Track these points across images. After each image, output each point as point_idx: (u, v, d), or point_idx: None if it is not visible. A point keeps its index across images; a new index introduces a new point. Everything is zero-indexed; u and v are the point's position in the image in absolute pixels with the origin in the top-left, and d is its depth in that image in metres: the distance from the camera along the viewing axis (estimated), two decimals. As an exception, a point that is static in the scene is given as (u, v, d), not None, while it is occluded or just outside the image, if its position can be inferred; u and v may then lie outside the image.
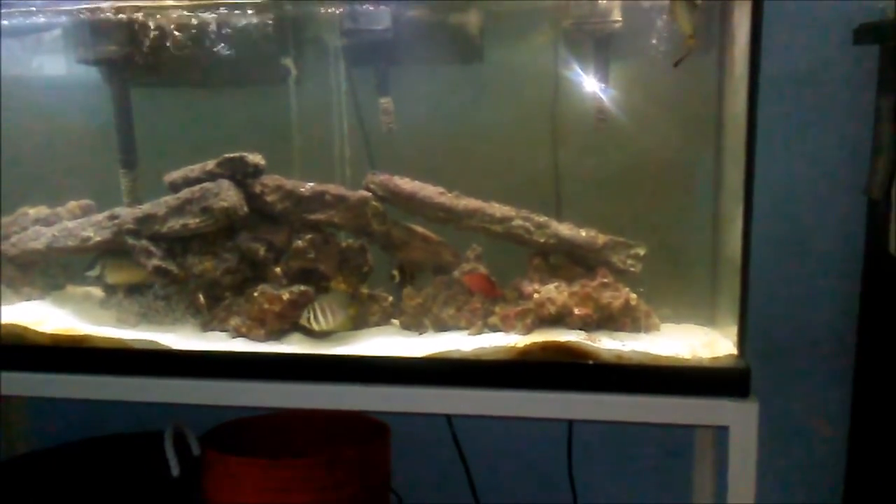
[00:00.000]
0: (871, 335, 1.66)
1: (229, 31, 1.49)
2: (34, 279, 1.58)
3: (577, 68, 1.48)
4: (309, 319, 1.33)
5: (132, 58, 1.52)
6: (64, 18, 1.55)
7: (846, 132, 1.65)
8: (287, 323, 1.38)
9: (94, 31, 1.52)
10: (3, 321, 1.39)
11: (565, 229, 1.40)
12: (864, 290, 1.67)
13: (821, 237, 1.71)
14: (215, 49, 1.49)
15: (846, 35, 1.59)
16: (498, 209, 1.41)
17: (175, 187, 1.45)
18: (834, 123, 1.66)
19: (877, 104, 1.56)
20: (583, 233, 1.40)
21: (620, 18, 1.42)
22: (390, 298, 1.46)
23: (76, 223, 1.52)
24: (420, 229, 1.46)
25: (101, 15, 1.49)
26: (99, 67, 1.58)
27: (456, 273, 1.42)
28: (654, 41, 1.42)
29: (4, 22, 1.53)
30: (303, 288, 1.38)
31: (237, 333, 1.38)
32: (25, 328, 1.38)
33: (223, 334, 1.40)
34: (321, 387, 1.27)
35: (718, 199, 1.41)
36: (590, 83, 1.47)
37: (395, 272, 1.41)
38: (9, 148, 1.63)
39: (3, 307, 1.49)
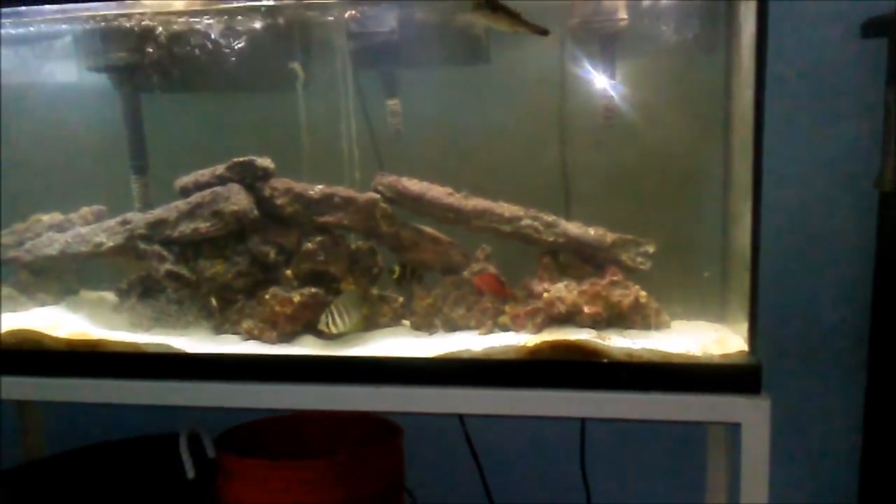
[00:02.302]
0: (884, 328, 1.65)
1: (237, 36, 1.50)
2: (49, 285, 1.59)
3: (583, 67, 1.48)
4: (327, 324, 1.33)
5: (141, 64, 1.53)
6: (73, 26, 1.56)
7: (856, 126, 1.65)
8: (299, 325, 1.39)
9: (103, 38, 1.53)
10: (19, 327, 1.41)
11: (574, 228, 1.40)
12: (877, 284, 1.66)
13: (832, 231, 1.70)
14: (224, 54, 1.50)
15: (854, 29, 1.59)
16: (507, 209, 1.41)
17: (186, 192, 1.46)
18: (843, 117, 1.65)
19: (886, 97, 1.55)
20: (591, 231, 1.40)
21: (626, 16, 1.42)
22: (401, 299, 1.47)
23: (89, 229, 1.53)
24: (429, 230, 1.46)
25: (110, 22, 1.51)
26: (109, 74, 1.59)
27: (466, 273, 1.43)
28: (660, 37, 1.42)
29: (14, 30, 1.55)
30: (314, 290, 1.39)
31: (249, 336, 1.39)
32: (41, 333, 1.40)
33: (235, 337, 1.41)
34: (334, 388, 1.28)
35: (728, 196, 1.41)
36: (597, 82, 1.47)
37: (396, 268, 1.42)
38: (21, 155, 1.65)
39: (19, 313, 1.51)
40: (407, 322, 1.45)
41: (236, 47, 1.51)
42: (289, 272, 1.42)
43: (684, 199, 1.50)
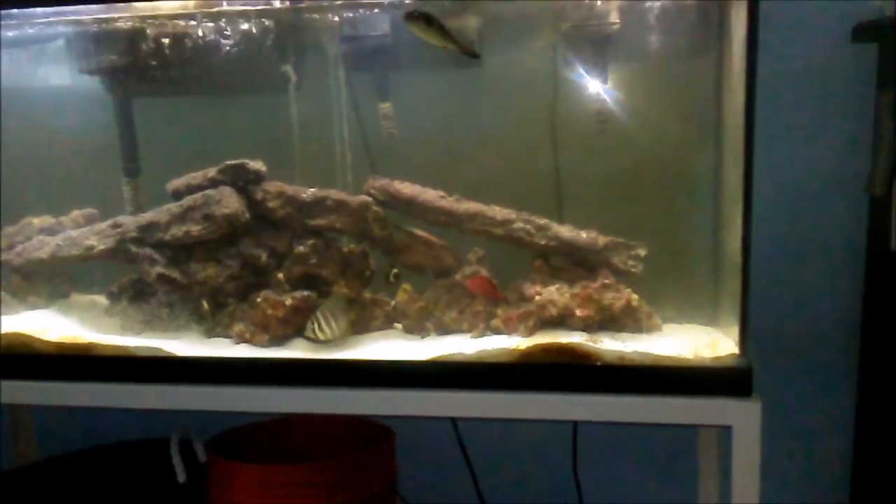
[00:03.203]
0: (874, 332, 1.66)
1: (229, 38, 1.50)
2: (39, 288, 1.59)
3: (575, 71, 1.48)
4: (314, 331, 1.33)
5: (133, 67, 1.53)
6: (66, 29, 1.56)
7: (846, 130, 1.66)
8: (290, 328, 1.38)
9: (95, 41, 1.53)
10: (9, 330, 1.40)
11: (566, 231, 1.40)
12: (867, 288, 1.67)
13: (822, 235, 1.71)
14: (216, 57, 1.50)
15: (844, 33, 1.60)
16: (499, 212, 1.42)
17: (177, 195, 1.46)
18: (833, 121, 1.66)
19: (876, 101, 1.56)
20: (583, 234, 1.40)
21: (618, 20, 1.42)
22: (393, 302, 1.47)
23: (80, 232, 1.53)
24: (421, 233, 1.47)
25: (102, 25, 1.50)
26: (101, 77, 1.59)
27: (458, 276, 1.43)
28: (652, 42, 1.43)
29: (8, 33, 1.54)
30: (305, 293, 1.38)
31: (241, 339, 1.39)
32: (31, 337, 1.39)
33: (227, 340, 1.41)
34: (325, 391, 1.28)
35: (719, 199, 1.41)
36: (589, 85, 1.48)
37: (395, 270, 1.42)
38: (12, 158, 1.64)
39: (9, 317, 1.50)
40: (399, 325, 1.45)
41: (228, 50, 1.51)
42: (281, 275, 1.42)
43: (676, 203, 1.51)
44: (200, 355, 1.35)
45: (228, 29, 1.50)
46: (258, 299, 1.39)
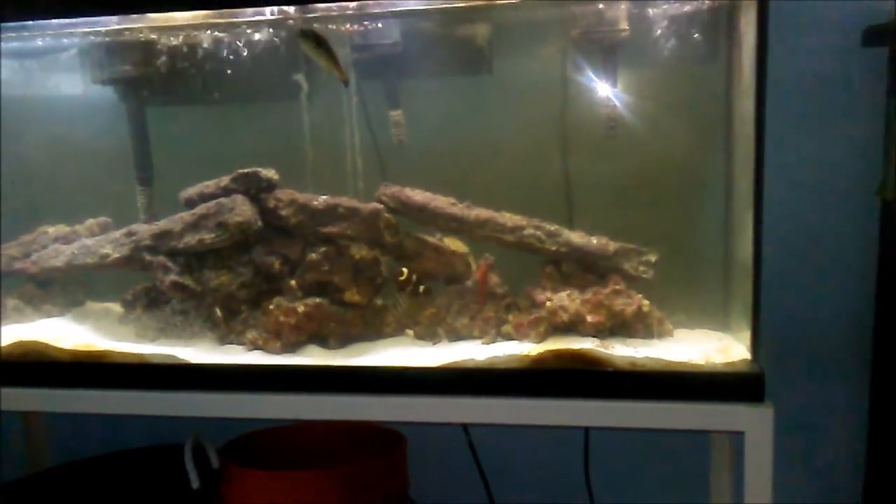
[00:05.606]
0: (886, 336, 1.65)
1: (242, 48, 1.51)
2: (55, 296, 1.60)
3: (585, 77, 1.48)
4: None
5: (147, 77, 1.55)
6: (79, 39, 1.57)
7: (857, 134, 1.65)
8: (303, 335, 1.39)
9: (108, 51, 1.55)
10: (25, 338, 1.42)
11: (577, 237, 1.41)
12: (879, 292, 1.66)
13: (834, 239, 1.70)
14: (228, 66, 1.51)
15: (855, 38, 1.60)
16: (509, 219, 1.42)
17: (190, 203, 1.47)
18: (844, 126, 1.66)
19: (887, 106, 1.56)
20: (594, 240, 1.40)
21: (628, 27, 1.42)
22: (401, 303, 1.47)
23: (94, 240, 1.54)
24: (432, 240, 1.47)
25: (116, 35, 1.52)
26: (114, 87, 1.61)
27: (469, 283, 1.43)
28: (661, 48, 1.43)
29: (23, 44, 1.56)
30: (318, 300, 1.39)
31: (254, 346, 1.40)
32: (46, 344, 1.40)
33: (240, 347, 1.42)
34: (337, 398, 1.28)
35: (730, 204, 1.41)
36: (599, 91, 1.48)
37: (404, 270, 1.43)
38: (27, 167, 1.66)
39: (25, 324, 1.52)
40: (410, 332, 1.46)
41: (240, 60, 1.52)
42: (293, 282, 1.42)
43: (686, 208, 1.51)
44: (214, 362, 1.36)
45: (240, 39, 1.51)
46: (270, 306, 1.39)
